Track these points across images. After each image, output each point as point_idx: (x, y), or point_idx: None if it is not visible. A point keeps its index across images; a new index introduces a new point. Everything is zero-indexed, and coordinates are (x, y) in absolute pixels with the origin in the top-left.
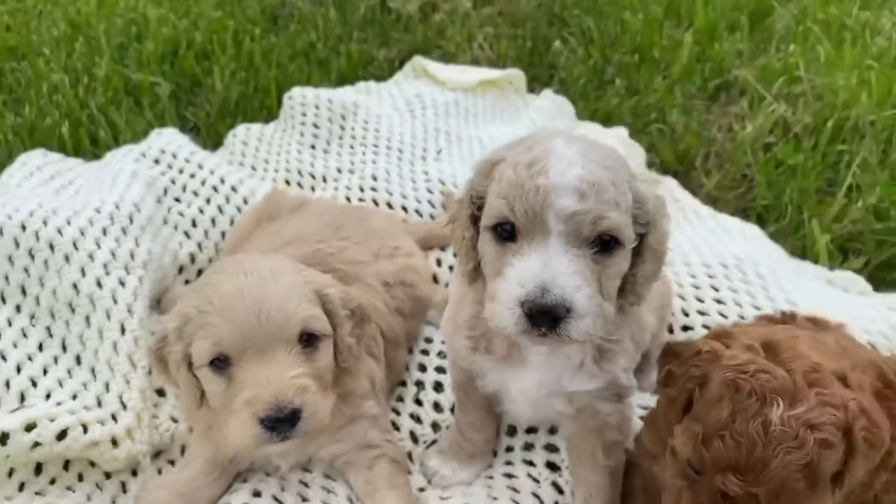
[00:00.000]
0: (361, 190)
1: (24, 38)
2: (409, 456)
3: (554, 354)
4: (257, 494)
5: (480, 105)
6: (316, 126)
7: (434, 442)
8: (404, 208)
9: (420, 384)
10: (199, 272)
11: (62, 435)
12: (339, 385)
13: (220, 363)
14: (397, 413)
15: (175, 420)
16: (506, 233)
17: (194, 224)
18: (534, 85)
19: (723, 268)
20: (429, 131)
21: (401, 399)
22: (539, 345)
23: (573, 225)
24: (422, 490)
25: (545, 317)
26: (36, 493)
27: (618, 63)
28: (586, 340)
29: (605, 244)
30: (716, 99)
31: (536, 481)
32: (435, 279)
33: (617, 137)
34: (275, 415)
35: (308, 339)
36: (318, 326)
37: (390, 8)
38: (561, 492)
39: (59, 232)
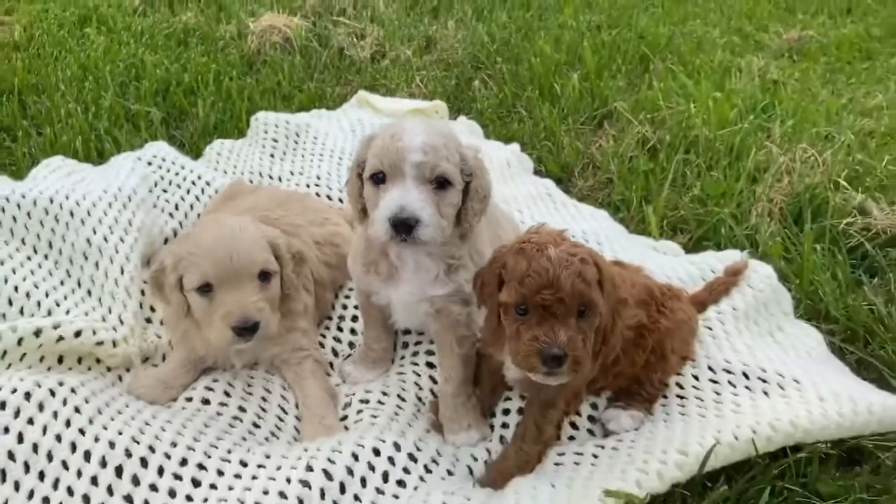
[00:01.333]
0: (307, 186)
1: (43, 78)
2: (331, 365)
3: (418, 270)
4: (216, 381)
5: None
6: (275, 140)
7: (349, 356)
8: (340, 200)
9: (342, 317)
10: None
11: (78, 333)
12: (283, 305)
13: (205, 289)
14: (323, 336)
15: (159, 336)
16: (379, 179)
17: (177, 207)
18: (457, 114)
19: (572, 238)
20: None
21: (327, 328)
22: (404, 248)
23: (419, 171)
24: (337, 385)
25: (403, 226)
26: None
27: (526, 98)
28: (432, 243)
29: (440, 183)
30: (601, 125)
31: (419, 375)
32: None
33: (512, 151)
34: (242, 325)
35: (264, 276)
36: (271, 267)
37: (347, 55)
38: (435, 382)
39: (77, 203)
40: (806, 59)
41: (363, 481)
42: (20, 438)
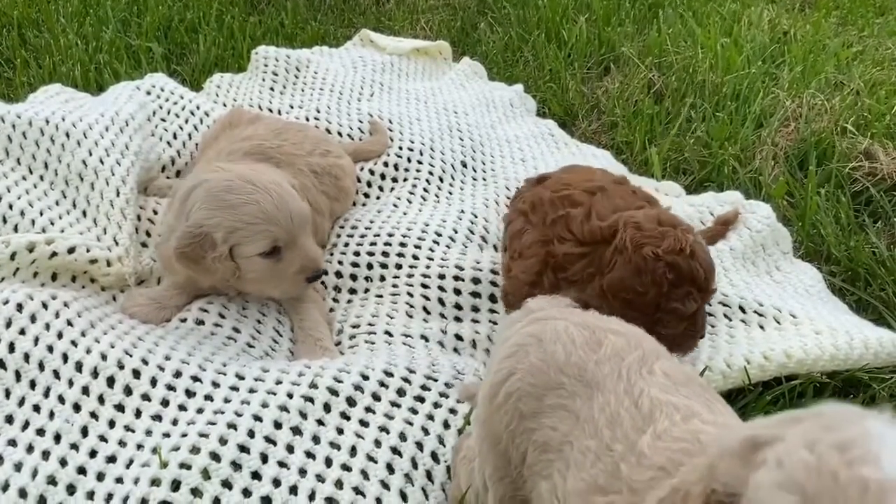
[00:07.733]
0: (307, 119)
1: (44, 13)
2: (324, 285)
3: None
4: (210, 303)
5: (412, 67)
6: (275, 74)
7: None
8: (339, 133)
9: (335, 245)
10: (178, 172)
11: (72, 250)
12: None
13: (273, 252)
14: None
15: (154, 260)
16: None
17: (175, 136)
18: (461, 56)
19: None
20: (366, 82)
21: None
22: None
23: None
24: (331, 310)
25: None
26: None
27: (532, 42)
28: None
29: None
30: (607, 71)
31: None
32: (359, 180)
33: (515, 92)
34: (317, 274)
35: None
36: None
37: None
38: (429, 312)
39: (73, 125)
40: (818, 12)
41: (375, 396)
42: (11, 348)
